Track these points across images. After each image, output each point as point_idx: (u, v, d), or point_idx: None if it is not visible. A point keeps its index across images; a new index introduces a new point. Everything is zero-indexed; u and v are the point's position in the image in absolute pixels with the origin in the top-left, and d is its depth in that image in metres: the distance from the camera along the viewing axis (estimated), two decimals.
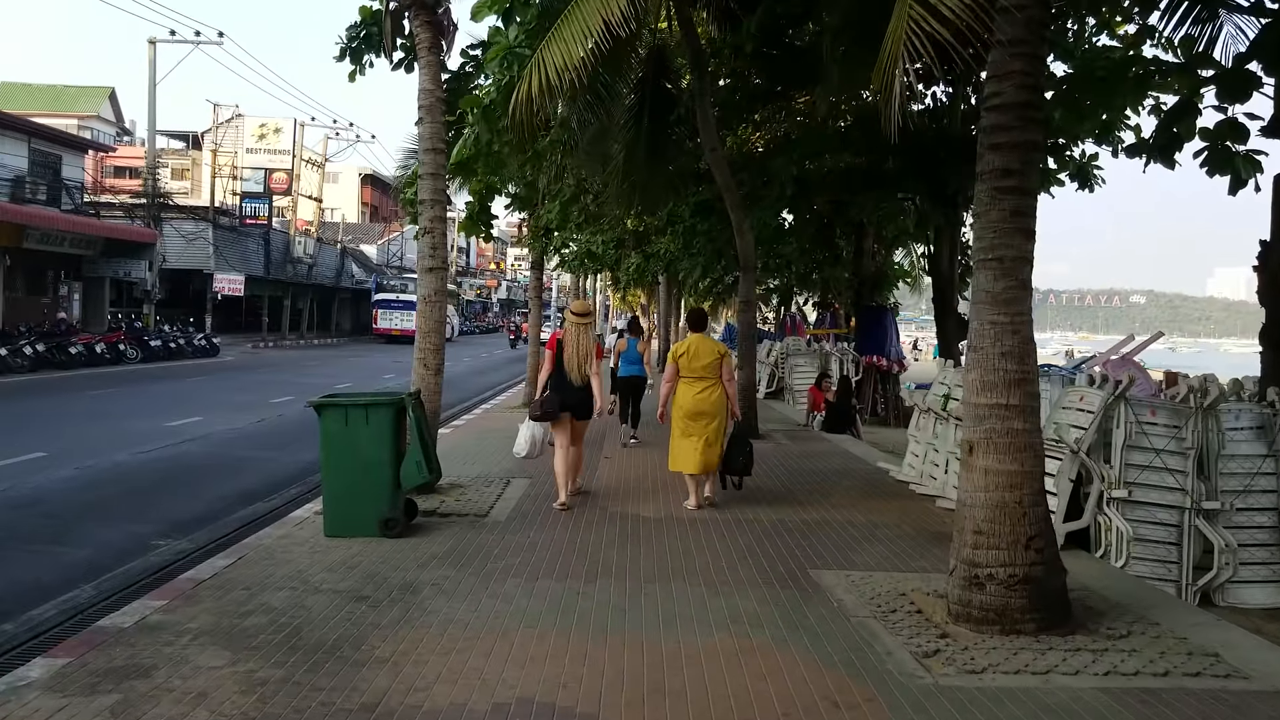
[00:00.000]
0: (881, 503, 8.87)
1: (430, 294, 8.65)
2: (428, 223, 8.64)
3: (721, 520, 7.89)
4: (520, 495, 8.84)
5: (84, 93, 63.90)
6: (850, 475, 10.44)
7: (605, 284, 49.42)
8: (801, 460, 11.42)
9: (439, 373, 8.71)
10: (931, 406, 9.71)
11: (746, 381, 13.28)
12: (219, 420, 15.27)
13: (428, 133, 8.59)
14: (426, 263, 8.62)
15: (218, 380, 23.35)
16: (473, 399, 21.08)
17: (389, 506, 7.12)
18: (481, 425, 14.61)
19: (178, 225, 36.53)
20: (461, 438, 12.96)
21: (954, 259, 15.43)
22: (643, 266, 24.01)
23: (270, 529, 7.55)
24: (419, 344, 8.70)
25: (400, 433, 7.25)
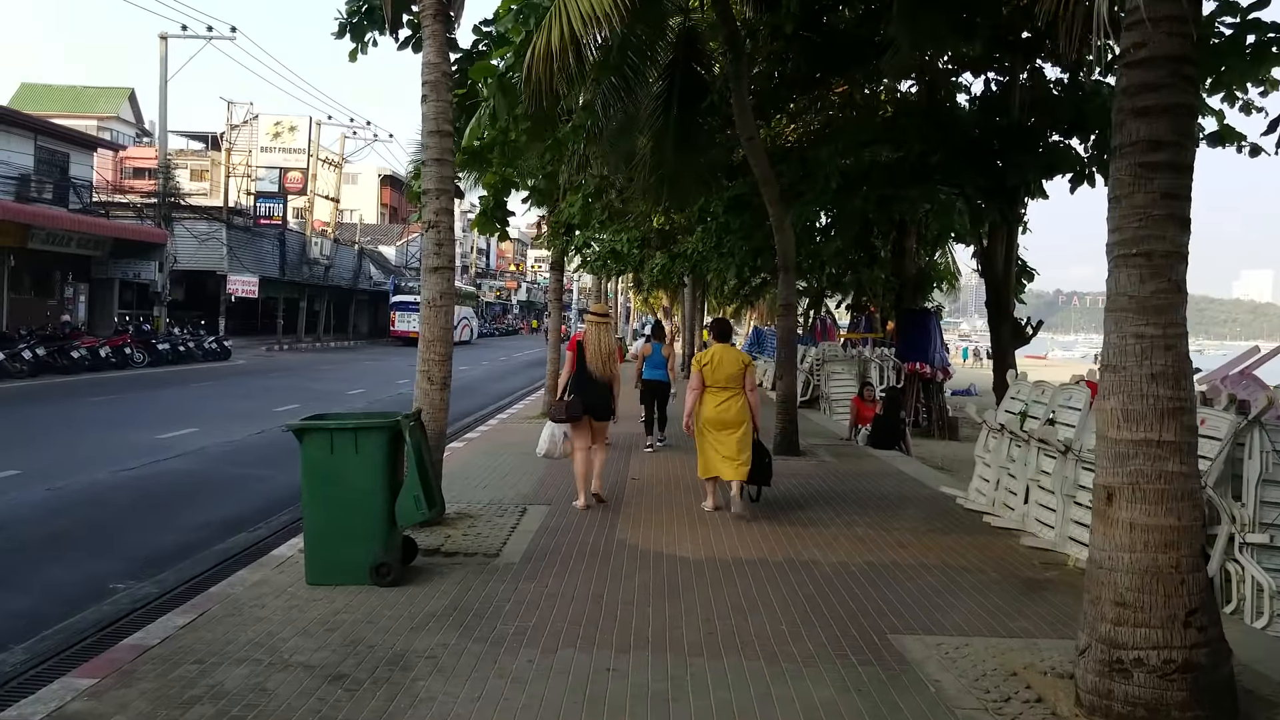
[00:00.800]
0: (955, 539, 7.66)
1: (435, 296, 7.53)
2: (433, 215, 7.53)
3: (773, 563, 6.71)
4: (537, 527, 7.70)
5: (104, 94, 63.71)
6: (912, 502, 9.23)
7: (627, 286, 48.33)
8: (853, 482, 10.22)
9: (445, 387, 7.59)
10: (1008, 426, 8.49)
11: (787, 392, 12.12)
12: (215, 431, 14.23)
13: (432, 112, 7.47)
14: (431, 261, 7.51)
15: (224, 386, 22.39)
16: (490, 406, 20.01)
17: (382, 549, 6.00)
18: (497, 438, 13.50)
19: (190, 226, 35.73)
20: (474, 454, 11.85)
21: (1010, 259, 14.19)
22: (668, 267, 22.85)
23: (246, 571, 6.45)
24: (422, 354, 7.58)
25: (396, 461, 6.13)
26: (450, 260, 7.62)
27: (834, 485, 10.00)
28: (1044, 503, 7.83)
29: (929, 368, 17.84)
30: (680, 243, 21.38)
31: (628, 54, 10.84)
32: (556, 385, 16.07)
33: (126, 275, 30.97)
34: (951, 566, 6.79)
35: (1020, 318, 14.57)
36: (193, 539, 8.11)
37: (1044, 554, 7.25)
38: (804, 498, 9.22)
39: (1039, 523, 7.85)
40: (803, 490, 9.62)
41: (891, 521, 8.24)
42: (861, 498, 9.34)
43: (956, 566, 6.79)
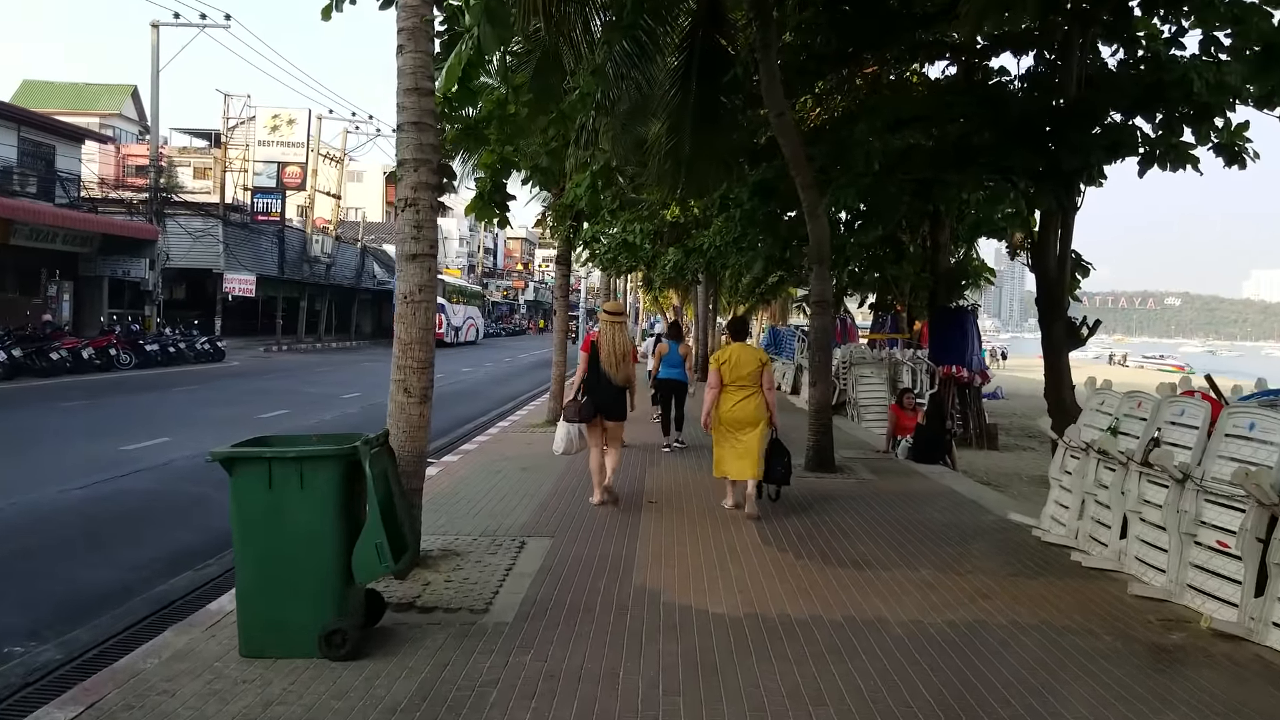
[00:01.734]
0: (1044, 586, 6.30)
1: (414, 290, 6.20)
2: (410, 191, 6.20)
3: (831, 624, 5.36)
4: (537, 568, 6.37)
5: (106, 91, 62.97)
6: (978, 534, 7.86)
7: (637, 284, 47.02)
8: (903, 507, 8.86)
9: (425, 400, 6.26)
10: (1100, 447, 7.11)
11: (821, 401, 10.76)
12: (188, 441, 12.93)
13: (410, 66, 6.15)
14: (408, 247, 6.17)
15: (211, 390, 21.11)
16: (491, 412, 18.69)
17: (334, 612, 4.68)
18: (496, 450, 12.18)
19: (185, 222, 34.51)
20: (469, 470, 10.52)
21: (1065, 251, 12.80)
22: (681, 263, 21.51)
23: (172, 633, 5.13)
24: (397, 359, 6.26)
25: (354, 498, 4.81)
26: (432, 246, 6.28)
27: (882, 511, 8.63)
28: (1149, 539, 6.47)
29: (966, 371, 16.46)
30: (694, 237, 20.05)
31: (642, 14, 9.51)
32: (562, 391, 14.78)
33: (116, 273, 29.76)
34: (1052, 626, 5.43)
35: (1074, 317, 13.17)
36: (130, 579, 6.82)
37: (1158, 606, 5.89)
38: (851, 528, 7.86)
39: (1142, 563, 6.49)
40: (847, 518, 8.27)
41: (962, 561, 6.88)
42: (918, 528, 7.98)
43: (1058, 626, 5.43)
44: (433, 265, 6.29)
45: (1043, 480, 14.02)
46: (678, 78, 11.98)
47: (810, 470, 10.62)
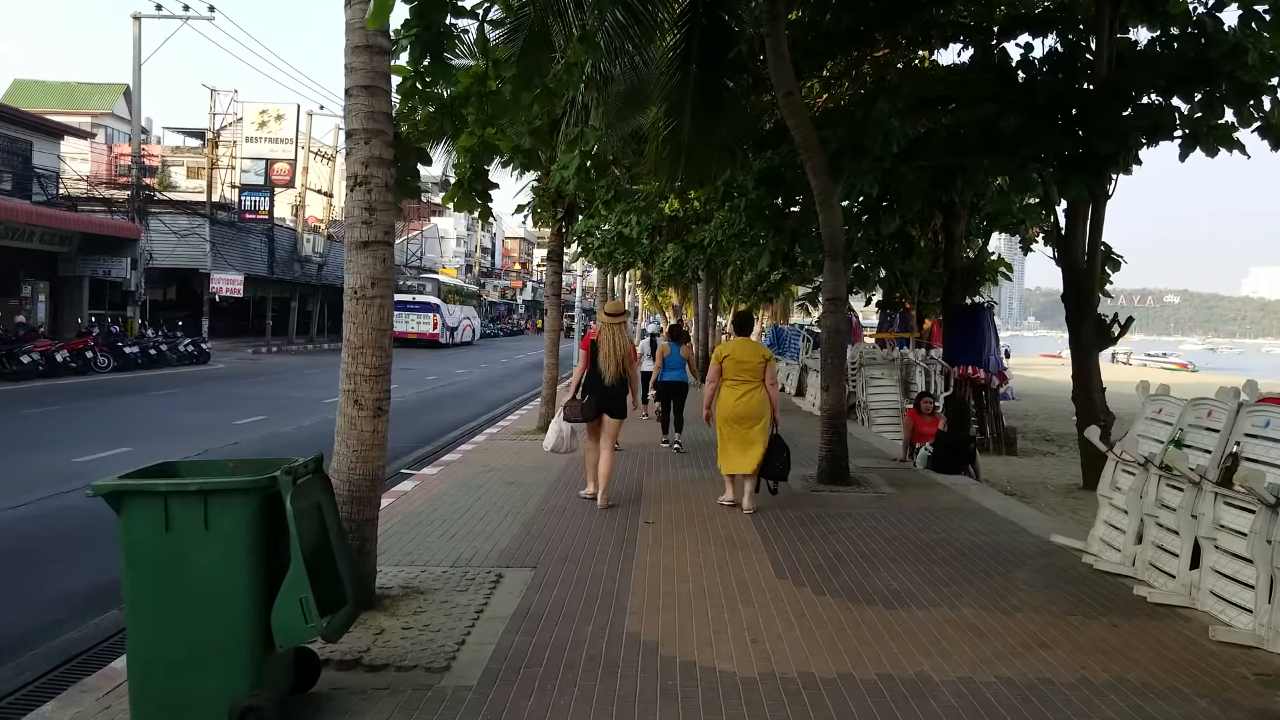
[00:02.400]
0: (1111, 628, 5.36)
1: (365, 284, 5.26)
2: (360, 168, 5.25)
3: (864, 684, 4.42)
4: (514, 609, 5.42)
5: (98, 90, 62.29)
6: (1020, 559, 6.91)
7: (635, 283, 46.09)
8: (931, 526, 7.91)
9: (380, 414, 5.32)
10: (1170, 462, 6.15)
11: (834, 406, 9.82)
12: (151, 452, 11.99)
13: (359, 18, 5.20)
14: (358, 234, 5.23)
15: (190, 394, 20.14)
16: (482, 417, 17.75)
17: (248, 685, 3.74)
18: (481, 460, 11.23)
19: (171, 221, 33.55)
20: (448, 484, 9.58)
21: (1095, 243, 11.87)
22: (681, 260, 20.56)
23: (52, 706, 4.20)
24: (346, 366, 5.32)
25: (277, 540, 3.86)
26: (387, 232, 5.33)
27: (908, 531, 7.68)
28: (1229, 572, 5.53)
29: (983, 372, 15.53)
30: (694, 232, 19.11)
31: None
32: (554, 395, 13.84)
33: (96, 273, 28.78)
34: (1129, 685, 4.49)
35: (1104, 314, 12.24)
36: (40, 621, 5.88)
37: (1248, 655, 4.96)
38: (876, 554, 6.92)
39: (1221, 600, 5.55)
40: (870, 541, 7.32)
41: (1008, 595, 5.93)
42: (951, 553, 7.03)
43: (1137, 685, 4.50)
44: (388, 255, 5.34)
45: (1069, 490, 13.14)
46: (677, 56, 11.05)
47: (823, 483, 9.68)
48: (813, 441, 13.19)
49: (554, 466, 10.58)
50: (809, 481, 9.84)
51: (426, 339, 46.56)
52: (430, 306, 47.24)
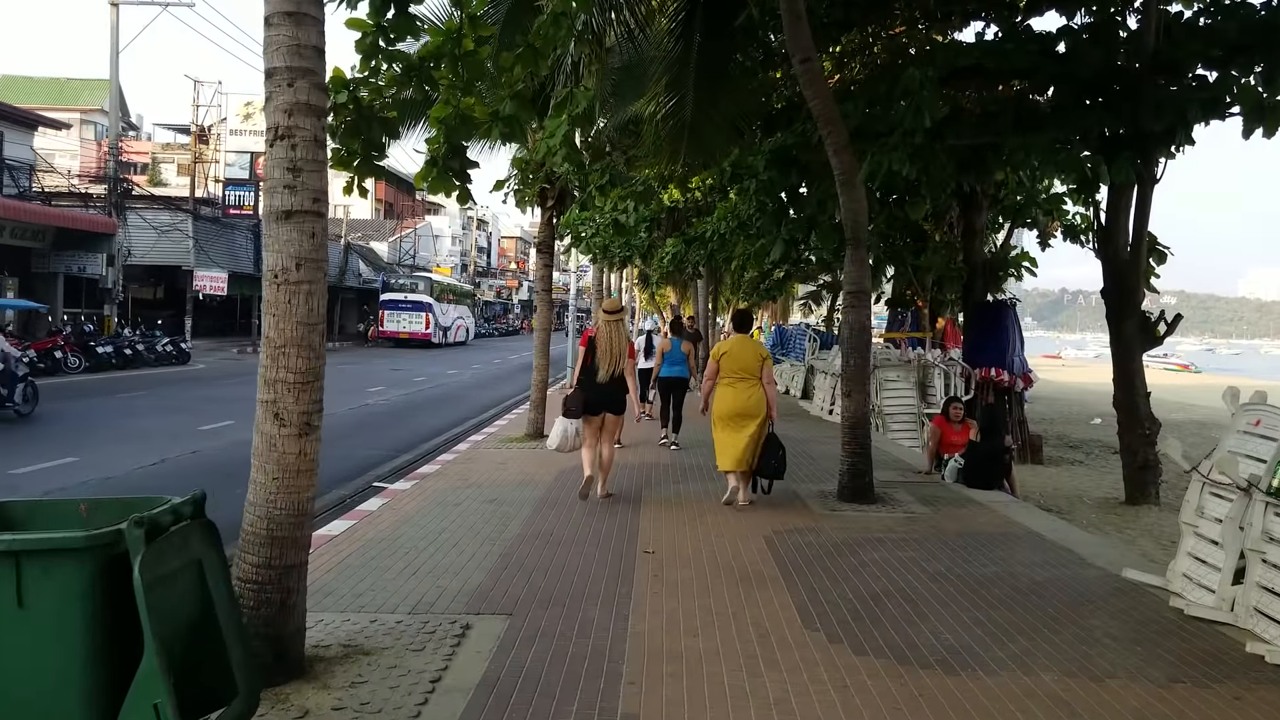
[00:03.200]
0: (1230, 699, 4.25)
1: (288, 266, 4.13)
2: (282, 117, 4.13)
3: None
4: (478, 679, 4.29)
5: (87, 86, 61.31)
6: (1092, 601, 5.79)
7: (632, 280, 44.97)
8: (978, 558, 6.79)
9: (307, 431, 4.20)
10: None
11: (857, 414, 8.70)
12: (100, 462, 10.89)
13: None
14: (280, 201, 4.11)
15: (159, 397, 18.98)
16: (469, 421, 16.62)
17: None
18: (461, 473, 10.10)
19: (153, 216, 32.39)
20: (421, 503, 8.44)
21: (1141, 233, 10.77)
22: (681, 255, 19.43)
23: None
24: (264, 371, 4.22)
25: (120, 623, 2.73)
26: (317, 199, 4.20)
27: (953, 563, 6.56)
28: None
29: (1006, 374, 14.43)
30: (695, 225, 17.99)
31: None
32: (544, 401, 12.72)
33: (71, 269, 27.62)
34: None
35: (1148, 311, 11.14)
36: None
37: None
38: (919, 592, 5.80)
39: None
40: (910, 575, 6.20)
41: (1091, 653, 4.81)
42: (1009, 591, 5.91)
43: None
44: (319, 230, 4.21)
45: (1110, 505, 12.04)
46: (678, 24, 9.95)
47: (845, 500, 8.57)
48: (827, 451, 12.13)
49: (540, 481, 9.47)
50: (828, 499, 8.73)
51: (419, 339, 45.43)
52: (423, 305, 46.10)
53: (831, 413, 16.48)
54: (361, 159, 7.71)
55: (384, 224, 69.99)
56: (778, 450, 8.23)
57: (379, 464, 11.74)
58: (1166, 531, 10.12)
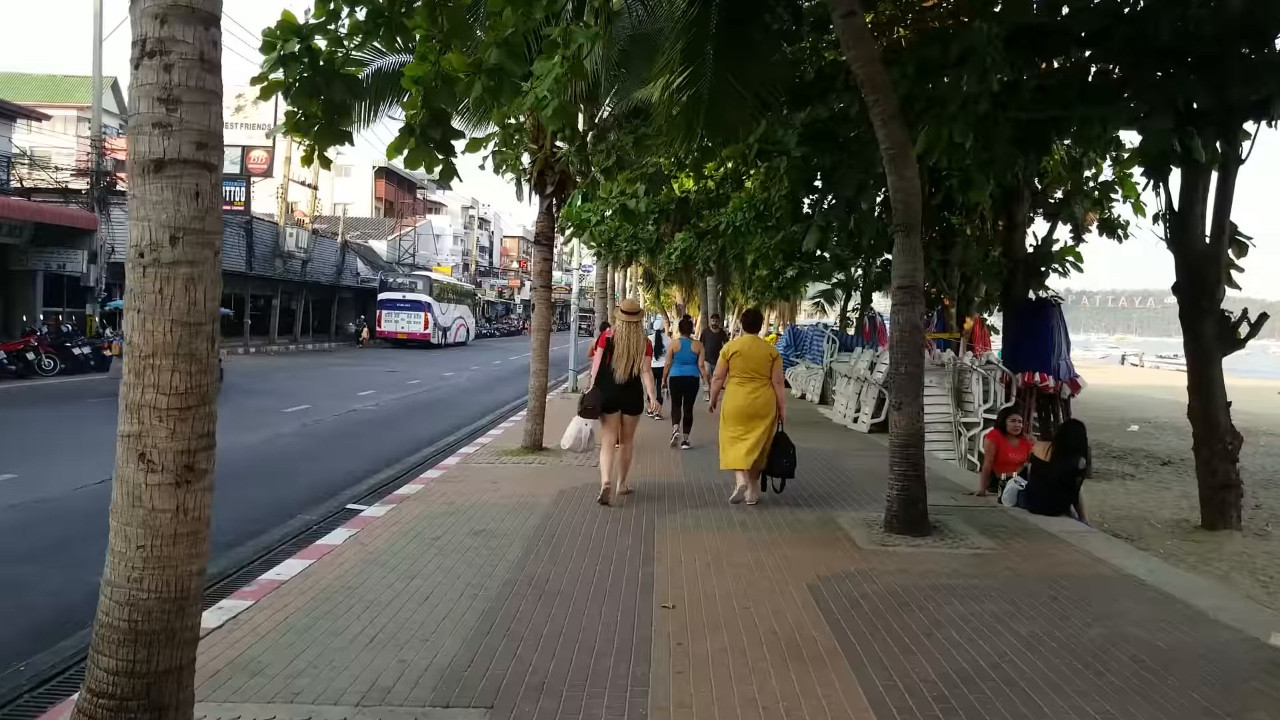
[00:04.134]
0: None
1: (157, 240, 2.84)
2: (152, 27, 2.84)
3: None
4: None
5: (84, 82, 59.92)
6: (1237, 677, 4.48)
7: (637, 280, 43.75)
8: (1074, 613, 5.47)
9: (187, 481, 2.91)
10: None
11: (909, 432, 7.40)
12: (40, 480, 9.64)
13: None
14: (149, 146, 2.82)
15: None
16: (463, 429, 15.35)
17: None
18: (446, 495, 8.79)
19: None
20: (394, 535, 7.15)
21: (1222, 221, 9.46)
22: (691, 250, 18.14)
23: None
24: (126, 392, 2.92)
25: None
26: (201, 143, 2.91)
27: (1047, 625, 5.24)
28: None
29: (1051, 379, 13.13)
30: (707, 218, 16.72)
31: None
32: (543, 409, 11.45)
33: (51, 267, 26.34)
34: None
35: (1229, 312, 9.83)
36: None
37: None
38: (1019, 668, 4.50)
39: None
40: (1000, 640, 4.90)
41: None
42: (1129, 668, 4.60)
43: None
44: (206, 187, 2.91)
45: (1182, 529, 10.67)
46: None
47: (896, 531, 7.27)
48: (861, 467, 10.85)
49: (537, 504, 8.18)
50: (875, 529, 7.43)
51: (417, 339, 44.17)
52: (421, 305, 44.84)
53: (856, 421, 15.18)
54: (322, 124, 6.45)
55: (383, 222, 68.76)
56: (788, 449, 8.25)
57: (356, 481, 10.46)
58: (1260, 564, 8.81)
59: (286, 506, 9.10)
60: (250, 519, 8.50)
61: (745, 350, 8.22)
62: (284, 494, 9.75)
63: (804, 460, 11.04)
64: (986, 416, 13.24)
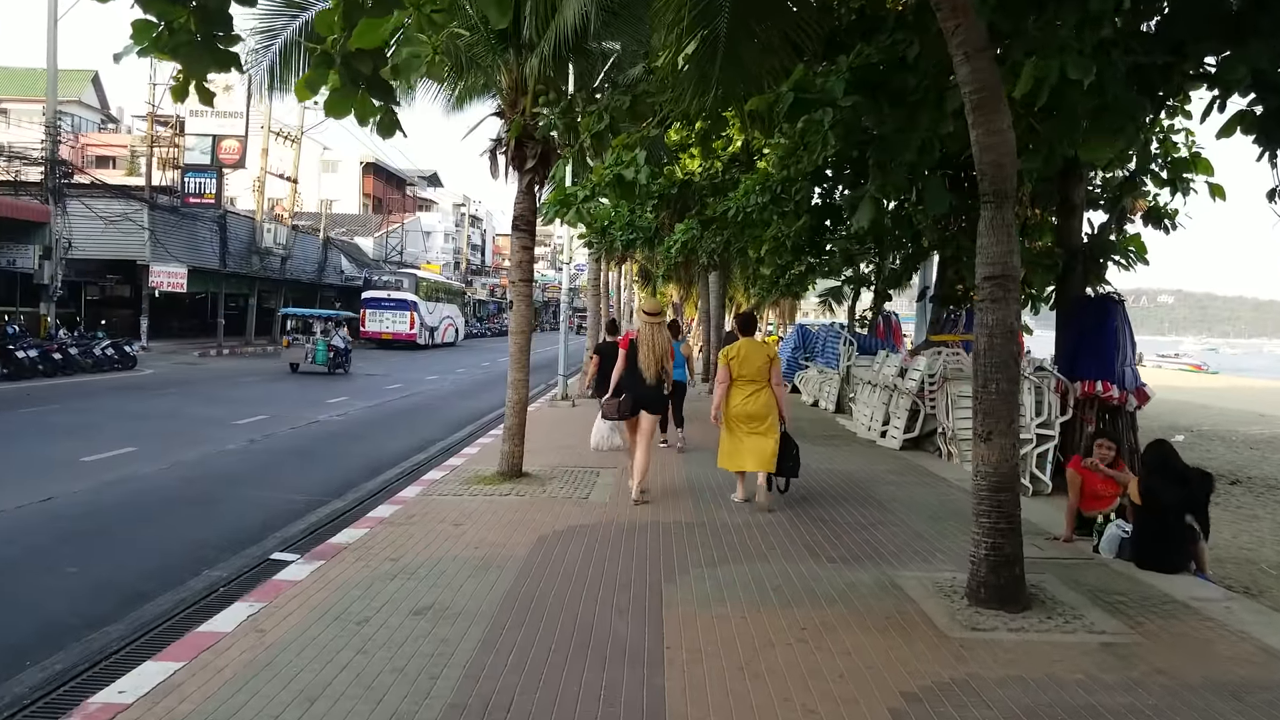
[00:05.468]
0: None
1: None
2: None
3: None
4: None
5: (64, 76, 58.46)
6: None
7: (632, 278, 41.91)
8: None
9: None
10: None
11: (1004, 469, 5.55)
12: None
13: None
14: None
15: (70, 411, 15.75)
16: (435, 445, 13.52)
17: None
18: (395, 544, 6.92)
19: (106, 206, 29.17)
20: (313, 610, 5.28)
21: None
22: (694, 241, 16.28)
23: None
24: None
25: None
26: None
27: None
28: None
29: (1115, 388, 11.30)
30: (712, 206, 14.87)
31: None
32: (523, 430, 9.63)
33: (1, 263, 24.43)
34: None
35: None
36: None
37: None
38: None
39: None
40: None
41: None
42: None
43: None
44: None
45: None
46: None
47: (985, 604, 5.42)
48: (904, 498, 8.98)
49: (507, 560, 6.32)
50: (956, 600, 5.59)
51: (403, 339, 42.24)
52: (407, 304, 42.91)
53: (885, 435, 13.33)
54: (192, 41, 4.59)
55: (370, 219, 66.83)
56: (792, 449, 8.38)
57: (293, 518, 8.59)
58: None
59: (197, 554, 7.24)
60: (145, 573, 6.67)
61: (745, 354, 8.24)
62: (200, 534, 7.90)
63: (835, 486, 9.19)
64: (1040, 432, 11.41)
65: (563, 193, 7.68)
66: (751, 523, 7.67)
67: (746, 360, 8.20)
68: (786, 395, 8.66)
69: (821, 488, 9.38)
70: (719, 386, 8.40)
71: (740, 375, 8.19)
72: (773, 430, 8.16)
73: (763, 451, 8.08)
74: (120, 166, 51.85)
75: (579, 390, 19.92)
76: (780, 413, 8.26)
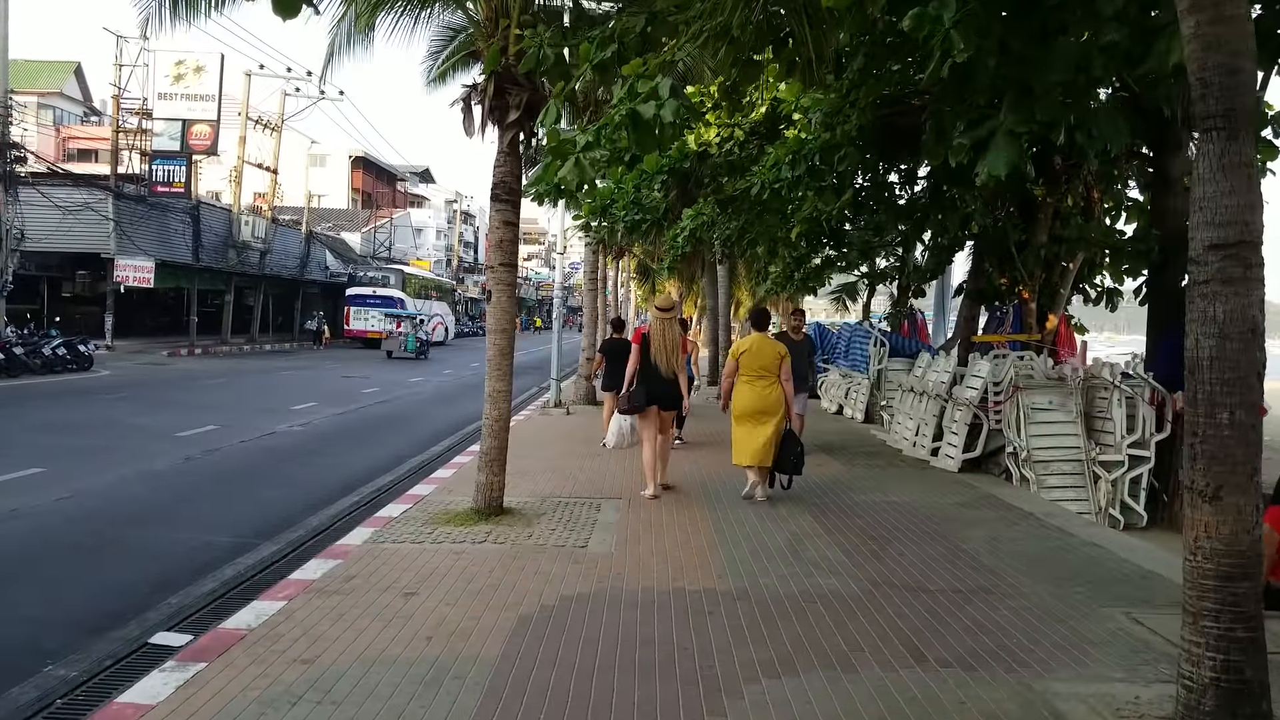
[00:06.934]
0: None
1: None
2: None
3: None
4: None
5: (46, 68, 56.79)
6: None
7: (630, 273, 39.93)
8: None
9: None
10: None
11: (1236, 549, 3.50)
12: None
13: None
14: None
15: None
16: (406, 464, 11.55)
17: None
18: (304, 636, 4.90)
19: (56, 194, 27.06)
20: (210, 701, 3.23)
21: None
22: (700, 231, 14.30)
23: None
24: None
25: None
26: None
27: None
28: None
29: None
30: (728, 186, 12.91)
31: None
32: (504, 453, 7.59)
33: None
34: None
35: None
36: None
37: None
38: None
39: None
40: None
41: None
42: None
43: None
44: None
45: None
46: None
47: None
48: (993, 538, 6.79)
49: (471, 663, 4.29)
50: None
51: None
52: (393, 301, 40.85)
53: (936, 454, 11.32)
54: None
55: (359, 214, 64.66)
56: (795, 446, 8.37)
57: (206, 570, 6.55)
58: None
59: (47, 634, 5.22)
60: None
61: (755, 349, 8.33)
62: (69, 597, 5.89)
63: (904, 528, 7.15)
64: (1132, 453, 9.43)
65: (556, 139, 5.61)
66: (811, 590, 5.66)
67: (757, 355, 8.28)
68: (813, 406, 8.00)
69: (888, 530, 7.34)
70: (725, 380, 8.69)
71: (751, 370, 8.26)
72: (779, 427, 8.25)
73: (765, 446, 8.14)
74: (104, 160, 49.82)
75: (573, 396, 17.97)
76: (788, 409, 8.36)
